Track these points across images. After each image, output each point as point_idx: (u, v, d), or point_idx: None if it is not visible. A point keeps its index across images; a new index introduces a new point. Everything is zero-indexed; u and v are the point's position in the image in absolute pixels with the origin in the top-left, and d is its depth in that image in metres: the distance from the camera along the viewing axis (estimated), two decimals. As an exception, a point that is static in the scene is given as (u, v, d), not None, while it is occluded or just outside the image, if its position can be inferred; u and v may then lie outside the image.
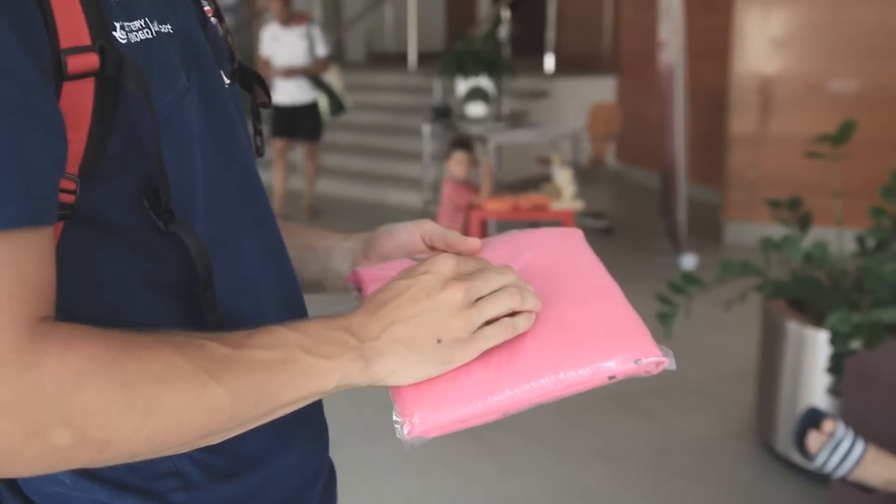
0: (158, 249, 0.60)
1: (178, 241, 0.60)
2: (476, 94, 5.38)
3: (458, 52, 5.63)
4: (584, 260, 0.74)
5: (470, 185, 4.34)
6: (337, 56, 10.04)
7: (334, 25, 9.86)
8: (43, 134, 0.52)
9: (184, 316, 0.60)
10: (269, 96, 0.78)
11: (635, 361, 0.65)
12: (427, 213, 5.79)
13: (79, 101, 0.54)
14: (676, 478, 2.60)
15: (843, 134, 2.42)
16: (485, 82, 5.40)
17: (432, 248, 0.77)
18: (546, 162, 5.09)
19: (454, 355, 0.62)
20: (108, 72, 0.55)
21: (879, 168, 3.01)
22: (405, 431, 0.63)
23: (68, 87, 0.54)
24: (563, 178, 4.16)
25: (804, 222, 2.57)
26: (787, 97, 4.83)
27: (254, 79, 0.75)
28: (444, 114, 5.67)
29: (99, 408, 0.52)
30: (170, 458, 0.63)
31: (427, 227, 0.77)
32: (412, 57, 8.34)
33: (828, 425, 1.72)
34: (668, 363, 0.65)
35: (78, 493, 0.63)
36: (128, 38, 0.57)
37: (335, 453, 0.81)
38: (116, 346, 0.54)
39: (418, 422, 0.63)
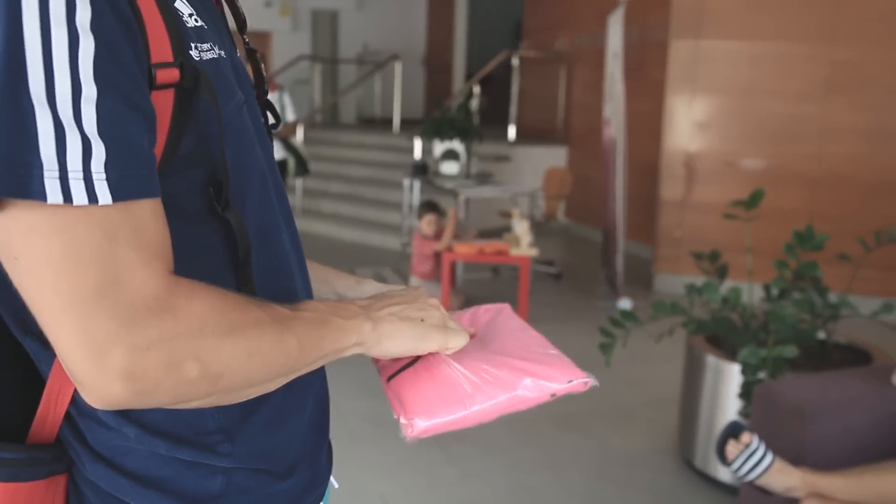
0: (212, 230, 0.62)
1: (227, 225, 0.62)
2: (450, 154, 5.45)
3: (435, 119, 5.71)
4: (517, 323, 0.84)
5: (434, 239, 4.38)
6: (332, 119, 10.15)
7: (331, 93, 9.95)
8: (149, 127, 0.54)
9: (224, 286, 0.62)
10: (277, 119, 0.80)
11: (568, 382, 0.75)
12: (405, 254, 5.80)
13: (162, 107, 0.56)
14: (611, 486, 2.61)
15: (753, 200, 2.50)
16: (457, 145, 5.48)
17: None
18: (507, 215, 5.14)
19: (431, 335, 0.70)
20: (186, 84, 0.57)
21: (781, 232, 3.09)
22: (407, 432, 0.70)
23: (154, 96, 0.56)
24: (522, 228, 4.20)
25: (721, 272, 2.63)
26: (707, 170, 4.94)
27: (265, 104, 0.78)
28: (422, 170, 5.72)
29: (215, 345, 0.55)
30: (215, 416, 0.64)
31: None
32: (396, 122, 8.43)
33: (745, 437, 1.76)
34: (592, 382, 0.76)
35: (140, 446, 0.63)
36: (200, 57, 0.59)
37: None
38: (223, 296, 0.57)
39: (417, 424, 0.69)
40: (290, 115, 5.20)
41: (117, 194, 0.51)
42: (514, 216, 4.43)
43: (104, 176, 0.50)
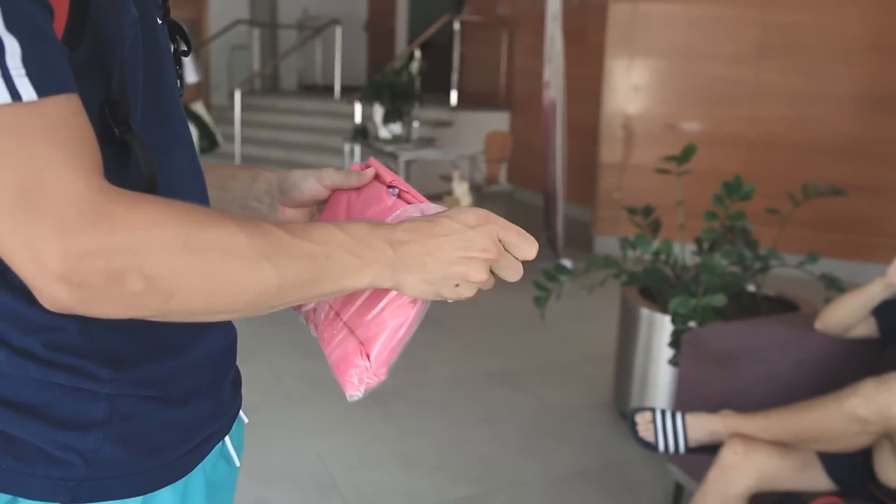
0: (110, 155, 0.56)
1: (127, 149, 0.57)
2: (389, 117, 5.36)
3: (375, 82, 5.60)
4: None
5: None
6: (272, 86, 9.88)
7: (271, 59, 9.68)
8: (52, 22, 0.50)
9: None
10: (188, 46, 0.74)
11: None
12: (345, 220, 5.73)
13: (58, 9, 0.52)
14: (547, 439, 2.63)
15: (685, 155, 2.51)
16: (397, 108, 5.39)
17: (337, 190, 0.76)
18: (448, 179, 5.10)
19: (453, 293, 0.62)
20: None
21: (715, 192, 3.14)
22: (373, 382, 0.64)
23: None
24: (461, 189, 4.18)
25: (654, 226, 2.66)
26: (645, 133, 5.00)
27: (176, 30, 0.72)
28: (363, 134, 5.63)
29: (164, 261, 0.51)
30: (88, 341, 0.59)
31: (329, 180, 0.76)
32: (337, 88, 8.26)
33: (644, 415, 1.78)
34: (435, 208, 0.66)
35: (11, 370, 0.58)
36: None
37: (256, 416, 0.78)
38: (180, 210, 0.52)
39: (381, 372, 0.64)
40: (190, 76, 4.12)
41: (41, 89, 0.48)
42: (455, 178, 4.39)
43: (24, 72, 0.48)
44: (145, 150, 0.57)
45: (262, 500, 2.18)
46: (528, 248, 0.63)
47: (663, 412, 1.77)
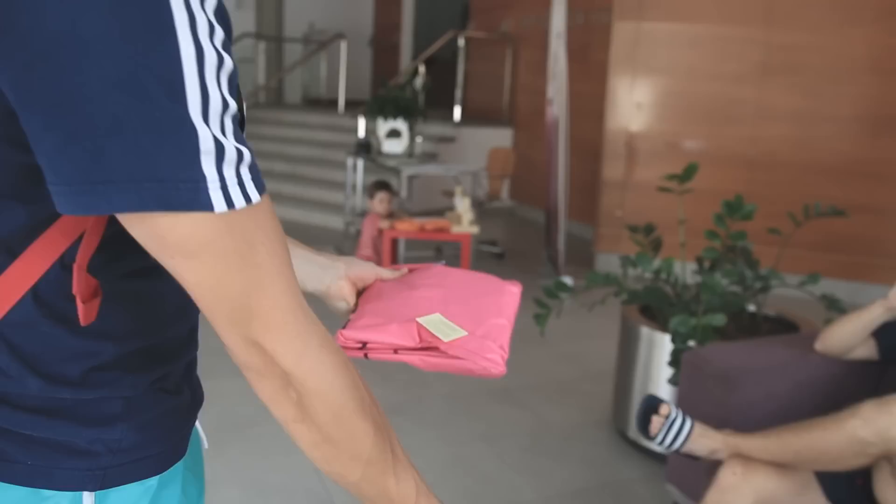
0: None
1: None
2: (393, 133, 5.39)
3: (379, 96, 5.64)
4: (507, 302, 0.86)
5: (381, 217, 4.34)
6: (277, 99, 9.94)
7: (276, 73, 9.75)
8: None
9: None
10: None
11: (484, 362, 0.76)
12: (347, 233, 5.73)
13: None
14: (545, 458, 2.62)
15: (687, 173, 2.52)
16: (400, 124, 5.42)
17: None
18: (450, 195, 5.12)
19: None
20: None
21: (716, 212, 3.15)
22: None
23: None
24: (463, 205, 4.18)
25: (655, 245, 2.66)
26: (648, 151, 5.02)
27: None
28: (366, 149, 5.65)
29: (318, 400, 0.59)
30: (124, 359, 0.65)
31: (382, 272, 0.90)
32: (341, 102, 8.31)
33: (664, 409, 1.77)
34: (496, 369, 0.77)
35: (42, 394, 0.62)
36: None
37: (252, 430, 0.80)
38: (352, 376, 0.62)
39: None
40: None
41: (261, 190, 0.54)
42: (456, 194, 4.40)
43: (250, 177, 0.53)
44: None
45: (258, 515, 2.18)
46: None
47: (679, 415, 1.76)
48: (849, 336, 1.88)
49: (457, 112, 7.42)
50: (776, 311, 2.74)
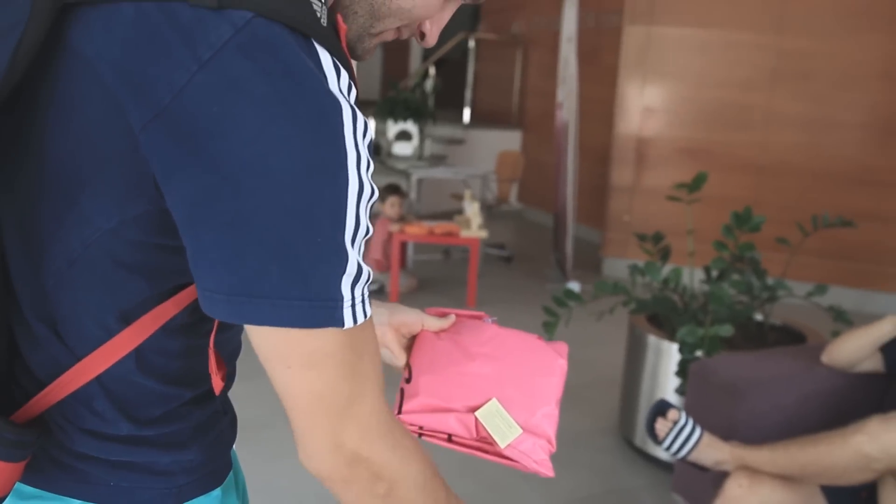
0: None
1: None
2: (403, 135, 5.41)
3: (389, 98, 5.66)
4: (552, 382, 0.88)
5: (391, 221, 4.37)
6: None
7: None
8: None
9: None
10: None
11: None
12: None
13: None
14: (553, 463, 2.64)
15: (696, 183, 2.53)
16: (410, 126, 5.44)
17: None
18: (459, 198, 5.14)
19: None
20: None
21: (725, 218, 3.14)
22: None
23: None
24: (472, 209, 4.20)
25: (664, 254, 2.67)
26: (657, 156, 5.02)
27: None
28: (375, 151, 5.67)
29: (407, 487, 0.64)
30: (197, 398, 0.71)
31: (428, 320, 0.92)
32: (351, 103, 8.31)
33: (672, 414, 1.79)
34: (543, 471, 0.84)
35: (133, 433, 0.68)
36: None
37: (265, 433, 0.85)
38: (424, 455, 0.67)
39: None
40: None
41: (369, 312, 0.59)
42: (465, 198, 4.42)
43: (364, 297, 0.58)
44: None
45: (268, 518, 2.20)
46: None
47: (687, 422, 1.78)
48: (856, 350, 1.89)
49: (466, 114, 7.43)
50: (783, 320, 2.75)
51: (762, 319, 2.69)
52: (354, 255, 0.56)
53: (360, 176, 0.55)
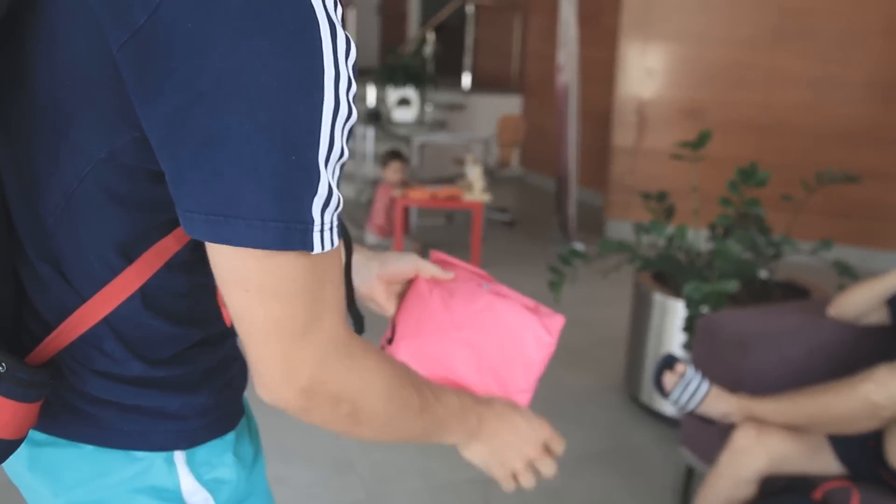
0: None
1: None
2: (403, 101, 5.36)
3: (388, 65, 5.59)
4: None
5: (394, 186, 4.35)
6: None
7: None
8: None
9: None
10: None
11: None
12: (359, 202, 5.74)
13: None
14: (560, 421, 2.65)
15: (700, 140, 2.51)
16: (410, 92, 5.38)
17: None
18: (461, 163, 5.11)
19: (500, 472, 0.82)
20: None
21: (728, 177, 3.14)
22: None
23: None
24: (475, 173, 4.17)
25: (668, 212, 2.66)
26: (659, 117, 4.98)
27: None
28: (376, 118, 5.63)
29: (371, 402, 0.64)
30: (210, 338, 0.71)
31: (423, 266, 0.90)
32: (350, 71, 8.23)
33: (680, 367, 1.79)
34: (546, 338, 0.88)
35: (146, 374, 0.69)
36: None
37: (276, 419, 0.85)
38: (389, 364, 0.66)
39: None
40: None
41: (340, 234, 0.58)
42: (468, 162, 4.39)
43: (332, 225, 0.56)
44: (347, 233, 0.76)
45: (280, 479, 2.23)
46: (560, 449, 0.84)
47: (695, 375, 1.78)
48: (863, 303, 1.89)
49: (466, 80, 7.36)
50: (787, 277, 2.75)
51: (767, 277, 2.69)
52: (326, 177, 0.54)
53: (336, 94, 0.53)
